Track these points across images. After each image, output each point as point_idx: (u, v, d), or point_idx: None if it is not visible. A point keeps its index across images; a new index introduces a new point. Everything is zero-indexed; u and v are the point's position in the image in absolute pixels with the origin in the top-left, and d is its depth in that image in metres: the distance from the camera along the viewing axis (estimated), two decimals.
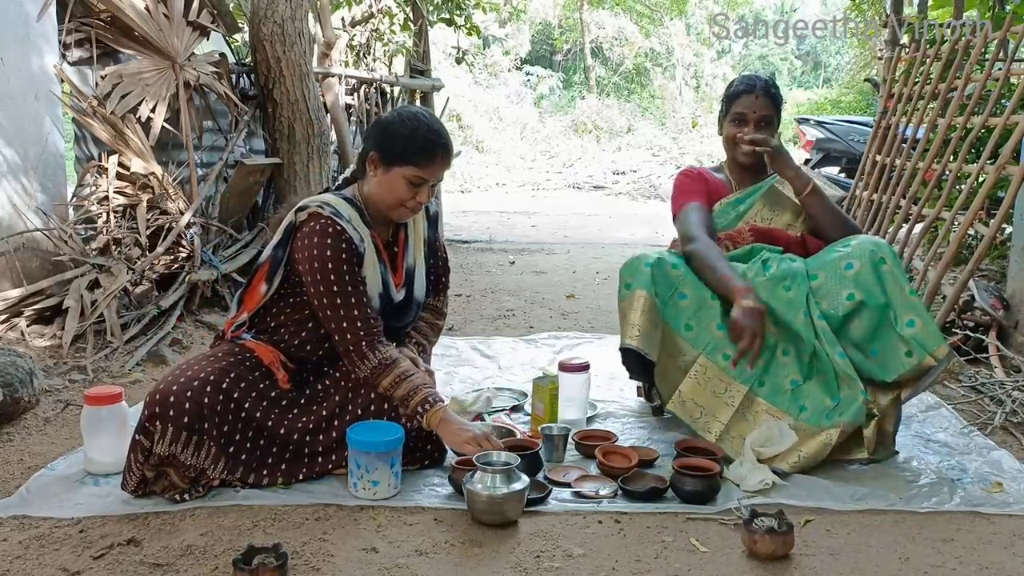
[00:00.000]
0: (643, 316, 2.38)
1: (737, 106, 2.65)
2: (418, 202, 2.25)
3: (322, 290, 2.18)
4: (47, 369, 3.16)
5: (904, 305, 2.32)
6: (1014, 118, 3.75)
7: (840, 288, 2.37)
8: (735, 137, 2.65)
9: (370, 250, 2.26)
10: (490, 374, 3.35)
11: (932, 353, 2.30)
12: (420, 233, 2.44)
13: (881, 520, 2.06)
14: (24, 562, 1.82)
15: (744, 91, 2.65)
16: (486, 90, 17.23)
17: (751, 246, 2.60)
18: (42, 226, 3.78)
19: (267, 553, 1.70)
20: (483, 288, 5.17)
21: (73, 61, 4.06)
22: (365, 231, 2.26)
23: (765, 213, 2.68)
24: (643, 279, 2.41)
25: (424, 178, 2.22)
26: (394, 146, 2.21)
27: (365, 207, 2.30)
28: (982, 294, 3.72)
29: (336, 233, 2.18)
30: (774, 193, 2.68)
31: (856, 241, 2.43)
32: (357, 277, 2.21)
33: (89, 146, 4.24)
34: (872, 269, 2.34)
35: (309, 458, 2.23)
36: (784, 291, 2.41)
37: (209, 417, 2.10)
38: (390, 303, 2.32)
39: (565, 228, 8.70)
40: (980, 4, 5.93)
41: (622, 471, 2.23)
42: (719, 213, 2.69)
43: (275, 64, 4.61)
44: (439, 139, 2.22)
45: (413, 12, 7.13)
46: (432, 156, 2.21)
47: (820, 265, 2.44)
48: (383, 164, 2.23)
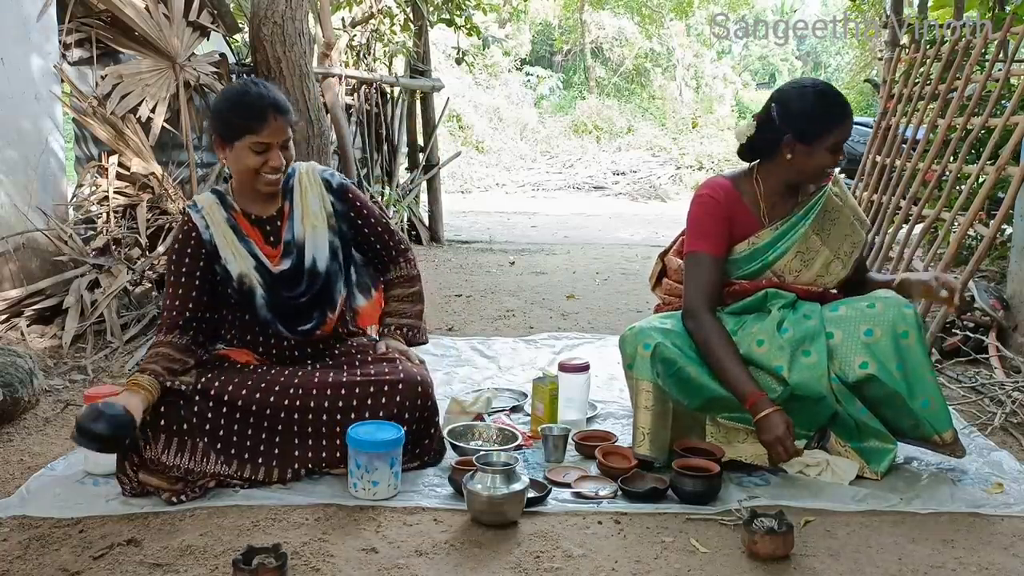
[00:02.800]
0: (650, 415, 2.31)
1: (837, 133, 2.31)
2: (272, 167, 2.27)
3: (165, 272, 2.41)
4: (47, 369, 3.16)
5: (921, 384, 2.27)
6: (1014, 119, 3.75)
7: (854, 355, 2.28)
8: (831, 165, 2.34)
9: (223, 231, 2.33)
10: (490, 374, 3.35)
11: (939, 434, 2.29)
12: (310, 204, 2.42)
13: (881, 521, 2.06)
14: (24, 562, 1.82)
15: (847, 116, 2.34)
16: (486, 91, 17.21)
17: (764, 292, 2.41)
18: (42, 226, 3.78)
19: (267, 553, 1.70)
20: (483, 288, 5.17)
21: (73, 61, 4.06)
22: (220, 215, 2.34)
23: (795, 264, 2.41)
24: (645, 370, 2.30)
25: (264, 142, 2.24)
26: (227, 122, 2.25)
27: (235, 191, 2.38)
28: (982, 295, 3.72)
29: (182, 224, 2.36)
30: (807, 242, 2.40)
31: (881, 304, 2.31)
32: (183, 269, 2.31)
33: (89, 146, 4.25)
34: (892, 341, 2.25)
35: (301, 443, 2.24)
36: (804, 356, 2.29)
37: (188, 418, 2.16)
38: (270, 274, 2.35)
39: (565, 228, 8.70)
40: (980, 5, 5.94)
41: (622, 471, 2.23)
42: (744, 258, 2.41)
43: (275, 64, 4.60)
44: (264, 100, 2.23)
45: (413, 12, 7.13)
46: (263, 117, 2.22)
47: (838, 321, 2.32)
48: (226, 143, 2.27)
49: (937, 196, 4.31)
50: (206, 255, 2.32)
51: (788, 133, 2.32)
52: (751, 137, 2.43)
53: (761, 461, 2.30)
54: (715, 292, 2.38)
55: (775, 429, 2.19)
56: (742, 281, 2.43)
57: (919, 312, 2.38)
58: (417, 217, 7.14)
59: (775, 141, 2.35)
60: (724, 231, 2.39)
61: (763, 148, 2.41)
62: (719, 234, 2.38)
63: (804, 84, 2.38)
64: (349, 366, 2.36)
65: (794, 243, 2.39)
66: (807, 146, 2.32)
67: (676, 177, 13.87)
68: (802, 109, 2.32)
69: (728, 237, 2.40)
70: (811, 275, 2.43)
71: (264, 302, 2.34)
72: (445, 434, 2.42)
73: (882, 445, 2.31)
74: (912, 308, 2.32)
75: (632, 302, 4.78)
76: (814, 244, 2.41)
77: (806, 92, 2.34)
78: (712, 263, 2.37)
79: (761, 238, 2.41)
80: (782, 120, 2.34)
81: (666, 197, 12.53)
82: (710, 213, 2.39)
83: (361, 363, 2.37)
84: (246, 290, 2.33)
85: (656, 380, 2.29)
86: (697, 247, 2.39)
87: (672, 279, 2.61)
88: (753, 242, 2.41)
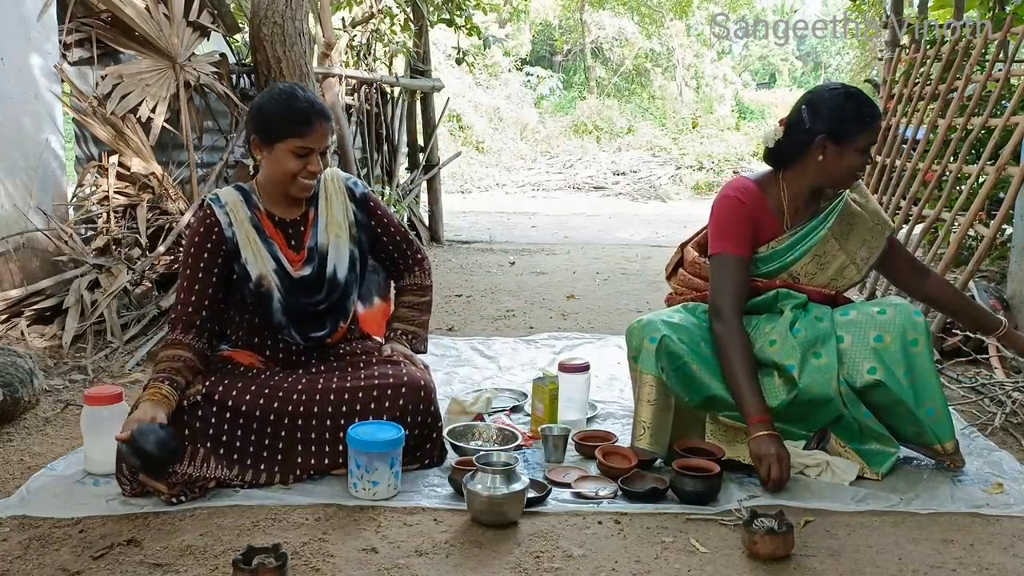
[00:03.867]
0: (652, 408, 2.31)
1: (868, 134, 2.31)
2: (311, 171, 2.27)
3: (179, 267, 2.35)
4: (47, 369, 3.16)
5: (927, 392, 2.27)
6: (1014, 119, 3.75)
7: (863, 360, 2.29)
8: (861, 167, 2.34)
9: (246, 231, 2.31)
10: (490, 374, 3.35)
11: (942, 443, 2.29)
12: (335, 213, 2.42)
13: (881, 521, 2.06)
14: (24, 562, 1.82)
15: (877, 117, 2.34)
16: (486, 91, 17.20)
17: (776, 291, 2.42)
18: (42, 226, 3.79)
19: (267, 553, 1.70)
20: (483, 288, 5.17)
21: (73, 61, 4.06)
22: (244, 214, 2.32)
23: (811, 267, 2.43)
24: (649, 364, 2.30)
25: (308, 147, 2.25)
26: (271, 125, 2.25)
27: (259, 191, 2.36)
28: (982, 295, 3.72)
29: (203, 218, 2.31)
30: (825, 246, 2.42)
31: (892, 310, 2.31)
32: (200, 264, 2.28)
33: (89, 146, 4.25)
34: (901, 348, 2.26)
35: (304, 448, 2.23)
36: (815, 358, 2.30)
37: (190, 423, 2.15)
38: (290, 279, 2.34)
39: (565, 228, 8.70)
40: (980, 5, 5.93)
41: (622, 472, 2.23)
42: (764, 259, 2.43)
43: (275, 64, 4.60)
44: (312, 107, 2.25)
45: (413, 12, 7.13)
46: (310, 123, 2.24)
47: (848, 326, 2.33)
48: (266, 145, 2.27)
49: (937, 196, 4.32)
50: (226, 252, 2.30)
51: (821, 134, 2.31)
52: (779, 141, 2.42)
53: None
54: (743, 294, 2.37)
55: (768, 448, 2.17)
56: (757, 280, 2.44)
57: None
58: (417, 217, 7.14)
59: (805, 143, 2.34)
60: (748, 232, 2.38)
61: (791, 152, 2.40)
62: (744, 235, 2.38)
63: (834, 87, 2.39)
64: (353, 369, 2.36)
65: (812, 247, 2.41)
66: (838, 146, 2.31)
67: (676, 177, 13.87)
68: (834, 109, 2.32)
69: (752, 239, 2.40)
70: (825, 278, 2.45)
71: (280, 306, 2.33)
72: (445, 434, 2.42)
73: (883, 448, 2.31)
74: (922, 316, 2.33)
75: (632, 302, 4.78)
76: (831, 248, 2.42)
77: (837, 93, 2.35)
78: (739, 264, 2.37)
79: (780, 241, 2.42)
80: (813, 121, 2.33)
81: (666, 197, 12.52)
82: (735, 214, 2.39)
83: (365, 365, 2.37)
84: (263, 292, 2.31)
85: (660, 374, 2.29)
86: (723, 249, 2.38)
87: (688, 271, 2.60)
88: (772, 245, 2.42)
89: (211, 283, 2.30)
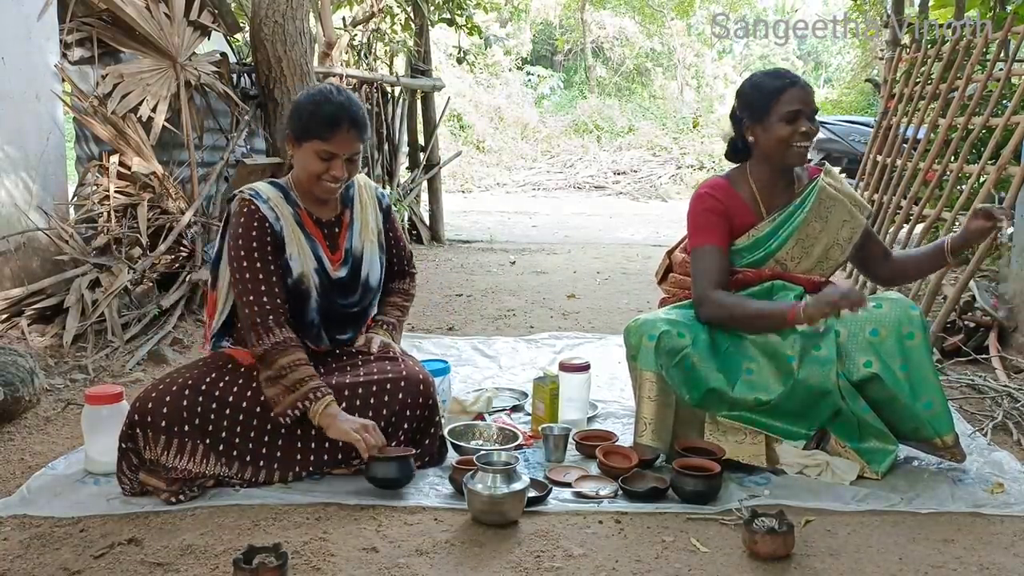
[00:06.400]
0: (653, 405, 2.32)
1: (788, 103, 2.35)
2: (332, 175, 2.24)
3: (235, 266, 2.23)
4: (48, 368, 3.16)
5: (924, 384, 2.27)
6: (1015, 118, 3.75)
7: (858, 353, 2.29)
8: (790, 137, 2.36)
9: (292, 227, 2.29)
10: (491, 374, 3.35)
11: (941, 437, 2.29)
12: (369, 220, 2.44)
13: (881, 520, 2.06)
14: (25, 561, 1.82)
15: (789, 84, 2.37)
16: (487, 90, 17.21)
17: (771, 283, 2.44)
18: (43, 225, 3.79)
19: (267, 553, 1.70)
20: (484, 288, 5.17)
21: (74, 60, 4.06)
22: (287, 209, 2.29)
23: (796, 252, 2.45)
24: (649, 360, 2.31)
25: (331, 151, 2.22)
26: (301, 122, 2.24)
27: (295, 188, 2.34)
28: (983, 294, 3.72)
29: (250, 213, 2.24)
30: (807, 228, 2.45)
31: (888, 304, 2.32)
32: (267, 257, 2.23)
33: (90, 145, 4.25)
34: (897, 341, 2.27)
35: (303, 446, 2.23)
36: (815, 350, 2.31)
37: (190, 420, 2.15)
38: (328, 279, 2.33)
39: (566, 228, 8.70)
40: (981, 4, 5.93)
41: (622, 471, 2.23)
42: (745, 249, 2.46)
43: (276, 64, 4.61)
44: (343, 112, 2.22)
45: (414, 12, 7.14)
46: (336, 128, 2.21)
47: (844, 320, 2.29)
48: (296, 141, 2.27)
49: (938, 196, 4.32)
50: (276, 247, 2.26)
51: (743, 119, 2.44)
52: (732, 138, 2.52)
53: (759, 462, 2.30)
54: (722, 278, 2.41)
55: (821, 296, 2.20)
56: (746, 270, 2.47)
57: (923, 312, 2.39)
58: (418, 217, 7.14)
59: (742, 133, 2.46)
60: (723, 225, 2.44)
61: (742, 145, 2.50)
62: (718, 226, 2.44)
63: (753, 74, 2.50)
64: (351, 366, 2.36)
65: (794, 231, 2.45)
66: (761, 123, 2.40)
67: (677, 177, 13.88)
68: (745, 92, 2.45)
69: (729, 231, 2.45)
70: (811, 262, 2.48)
71: (316, 306, 2.32)
72: (445, 434, 2.42)
73: (883, 446, 2.31)
74: (918, 310, 2.33)
75: (633, 301, 4.78)
76: (813, 231, 2.46)
77: (753, 76, 2.49)
78: (716, 252, 2.42)
79: (760, 229, 2.46)
80: (739, 110, 2.46)
81: (667, 197, 12.53)
82: (709, 209, 2.45)
83: (364, 362, 2.37)
84: (303, 290, 2.29)
85: (659, 370, 2.30)
86: (700, 241, 2.45)
87: (678, 272, 2.66)
88: (752, 234, 2.46)
89: (279, 274, 2.25)
